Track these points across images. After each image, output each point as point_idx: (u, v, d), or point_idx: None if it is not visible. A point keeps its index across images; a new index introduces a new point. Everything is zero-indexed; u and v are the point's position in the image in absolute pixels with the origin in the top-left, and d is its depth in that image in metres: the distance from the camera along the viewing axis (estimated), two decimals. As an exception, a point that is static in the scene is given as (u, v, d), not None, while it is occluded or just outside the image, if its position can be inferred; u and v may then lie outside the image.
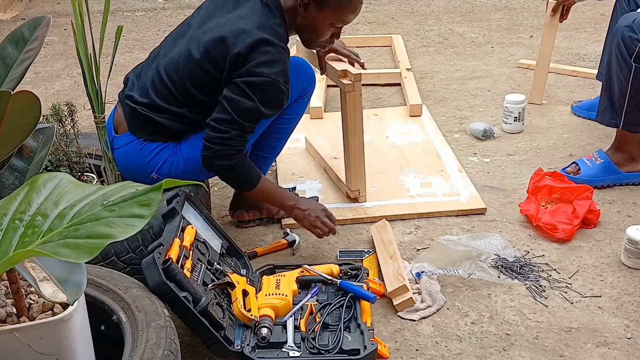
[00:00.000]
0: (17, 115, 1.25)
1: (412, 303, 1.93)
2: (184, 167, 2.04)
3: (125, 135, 2.06)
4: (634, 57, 2.36)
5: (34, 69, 3.90)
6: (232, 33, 1.94)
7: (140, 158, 2.04)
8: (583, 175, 2.55)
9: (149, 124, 2.03)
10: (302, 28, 2.08)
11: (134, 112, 2.04)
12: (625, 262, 2.11)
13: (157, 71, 2.05)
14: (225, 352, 1.67)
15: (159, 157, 2.04)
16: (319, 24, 2.04)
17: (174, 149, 2.05)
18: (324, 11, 2.00)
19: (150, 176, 2.04)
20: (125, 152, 2.06)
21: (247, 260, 2.05)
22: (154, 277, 1.58)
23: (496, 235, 2.24)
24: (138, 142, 2.04)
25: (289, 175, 2.65)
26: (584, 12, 4.59)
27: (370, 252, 2.18)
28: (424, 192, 2.52)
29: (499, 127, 3.02)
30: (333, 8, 2.00)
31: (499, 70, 3.72)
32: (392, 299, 1.94)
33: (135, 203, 1.08)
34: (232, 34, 1.93)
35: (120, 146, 2.07)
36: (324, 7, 1.99)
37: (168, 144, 2.04)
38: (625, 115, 2.46)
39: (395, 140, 2.94)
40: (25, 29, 1.60)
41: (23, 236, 1.11)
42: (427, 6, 4.95)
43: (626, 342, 1.82)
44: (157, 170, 2.04)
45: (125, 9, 5.13)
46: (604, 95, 2.56)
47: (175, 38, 2.11)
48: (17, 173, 1.68)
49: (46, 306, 1.33)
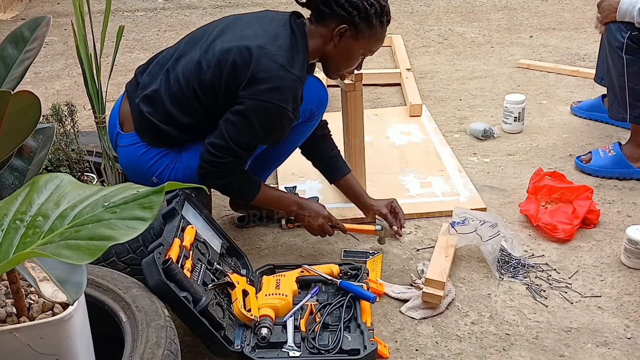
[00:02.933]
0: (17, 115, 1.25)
1: (439, 302, 1.92)
2: (182, 175, 2.02)
3: (131, 135, 2.03)
4: (625, 50, 2.42)
5: (34, 69, 3.90)
6: (250, 48, 1.87)
7: (143, 161, 2.03)
8: (593, 164, 2.58)
9: (154, 131, 2.00)
10: (332, 57, 2.01)
11: (142, 115, 2.01)
12: (625, 262, 2.11)
13: (167, 78, 2.00)
14: (225, 352, 1.67)
15: (160, 162, 2.03)
16: (352, 53, 1.98)
17: (175, 156, 2.03)
18: (360, 40, 1.95)
19: (151, 179, 2.04)
20: (129, 152, 2.05)
21: (247, 260, 2.05)
22: (154, 277, 1.59)
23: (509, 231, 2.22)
24: (142, 144, 2.02)
25: (289, 175, 2.65)
26: (584, 12, 4.60)
27: (375, 253, 2.18)
28: (423, 192, 2.52)
29: (499, 127, 3.02)
30: (368, 37, 1.95)
31: (499, 70, 3.72)
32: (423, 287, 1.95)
33: (137, 205, 1.08)
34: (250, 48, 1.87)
35: (125, 145, 2.05)
36: (360, 36, 1.94)
37: (170, 151, 2.03)
38: (630, 109, 2.51)
39: (395, 140, 2.94)
40: (25, 29, 1.60)
41: (24, 236, 1.11)
42: (427, 6, 4.95)
43: (626, 342, 1.82)
44: (158, 175, 2.04)
45: (125, 9, 5.12)
46: (609, 91, 2.62)
47: (190, 43, 2.04)
48: (17, 173, 1.68)
49: (46, 306, 1.33)
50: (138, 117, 2.03)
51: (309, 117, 2.12)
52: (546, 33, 4.27)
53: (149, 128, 2.01)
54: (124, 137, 2.05)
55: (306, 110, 2.08)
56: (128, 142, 2.04)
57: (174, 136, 2.01)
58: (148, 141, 2.02)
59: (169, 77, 2.00)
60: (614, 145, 2.60)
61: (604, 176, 2.57)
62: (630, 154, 2.56)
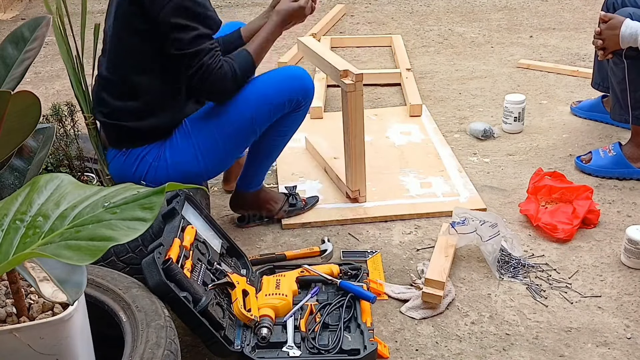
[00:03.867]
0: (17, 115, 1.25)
1: (438, 302, 1.92)
2: (167, 173, 2.04)
3: (110, 150, 2.10)
4: (625, 55, 2.42)
5: (34, 69, 3.90)
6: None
7: (126, 169, 2.06)
8: (593, 164, 2.58)
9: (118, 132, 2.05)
10: None
11: (104, 126, 2.08)
12: (625, 262, 2.11)
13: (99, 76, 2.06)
14: (225, 352, 1.67)
15: (143, 163, 2.05)
16: None
17: (157, 152, 2.05)
18: None
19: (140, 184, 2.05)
20: (113, 166, 2.10)
21: (247, 260, 2.05)
22: (154, 277, 1.59)
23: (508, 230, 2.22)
24: (121, 153, 2.06)
25: (289, 175, 2.65)
26: (584, 12, 4.60)
27: (374, 252, 2.18)
28: (423, 192, 2.52)
29: (499, 127, 3.02)
30: None
31: (499, 70, 3.72)
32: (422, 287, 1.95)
33: (137, 206, 1.08)
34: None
35: (110, 161, 2.11)
36: None
37: (151, 148, 2.05)
38: (632, 110, 2.52)
39: (395, 140, 2.94)
40: (25, 29, 1.60)
41: (24, 237, 1.11)
42: (427, 6, 4.95)
43: (626, 342, 1.82)
44: (144, 177, 2.05)
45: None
46: (611, 93, 2.64)
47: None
48: (17, 173, 1.68)
49: (46, 306, 1.33)
50: (103, 130, 2.09)
51: (294, 107, 2.12)
52: (546, 33, 4.27)
53: (115, 132, 2.06)
54: (108, 155, 2.11)
55: (292, 101, 2.09)
56: (110, 157, 2.10)
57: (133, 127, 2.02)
58: (125, 145, 2.06)
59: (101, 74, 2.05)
60: (614, 145, 2.60)
61: (604, 176, 2.57)
62: (630, 154, 2.57)
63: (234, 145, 2.11)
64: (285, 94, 2.06)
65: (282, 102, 2.07)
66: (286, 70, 2.15)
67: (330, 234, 2.30)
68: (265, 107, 2.06)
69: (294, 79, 2.10)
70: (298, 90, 2.10)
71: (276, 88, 2.07)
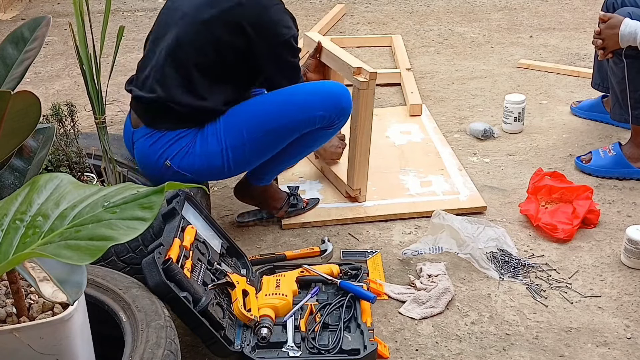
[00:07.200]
0: (17, 115, 1.26)
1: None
2: (192, 160, 2.05)
3: (141, 129, 2.09)
4: (624, 54, 2.42)
5: (34, 69, 3.89)
6: None
7: (155, 150, 2.06)
8: (593, 164, 2.58)
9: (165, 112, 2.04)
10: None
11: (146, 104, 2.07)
12: (625, 262, 2.11)
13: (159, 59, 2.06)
14: (225, 352, 1.67)
15: (175, 145, 2.05)
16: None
17: (192, 138, 2.06)
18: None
19: (164, 164, 2.04)
20: (140, 145, 2.10)
21: (247, 260, 2.05)
22: (154, 277, 1.59)
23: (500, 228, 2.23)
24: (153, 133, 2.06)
25: (289, 175, 2.65)
26: (583, 12, 4.60)
27: (373, 252, 2.18)
28: (423, 191, 2.52)
29: (499, 127, 3.02)
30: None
31: (499, 70, 3.72)
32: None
33: (137, 205, 1.08)
34: None
35: (137, 139, 2.11)
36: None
37: (187, 132, 2.06)
38: (632, 110, 2.52)
39: (395, 140, 2.94)
40: (25, 29, 1.60)
41: (24, 236, 1.11)
42: (427, 6, 4.94)
43: (626, 342, 1.82)
44: (171, 159, 2.05)
45: (126, 9, 5.12)
46: (611, 93, 2.64)
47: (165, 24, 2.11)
48: (17, 173, 1.68)
49: (46, 306, 1.34)
50: (144, 109, 2.08)
51: (327, 125, 2.11)
52: (546, 33, 4.27)
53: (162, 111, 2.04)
54: (136, 133, 2.11)
55: (325, 118, 2.08)
56: (139, 135, 2.09)
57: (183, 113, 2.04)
58: (165, 126, 2.05)
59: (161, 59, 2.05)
60: (614, 145, 2.60)
61: (604, 176, 2.57)
62: (630, 154, 2.57)
63: (258, 149, 2.10)
64: (320, 109, 2.05)
65: (314, 117, 2.07)
66: (327, 86, 2.15)
67: (330, 234, 2.30)
68: (299, 118, 2.06)
69: (334, 96, 2.07)
70: (335, 108, 2.09)
71: (313, 102, 2.08)
